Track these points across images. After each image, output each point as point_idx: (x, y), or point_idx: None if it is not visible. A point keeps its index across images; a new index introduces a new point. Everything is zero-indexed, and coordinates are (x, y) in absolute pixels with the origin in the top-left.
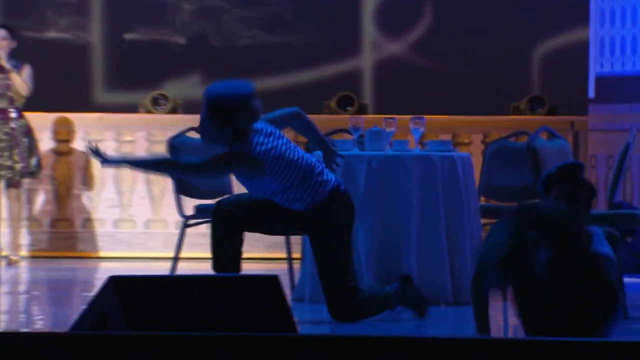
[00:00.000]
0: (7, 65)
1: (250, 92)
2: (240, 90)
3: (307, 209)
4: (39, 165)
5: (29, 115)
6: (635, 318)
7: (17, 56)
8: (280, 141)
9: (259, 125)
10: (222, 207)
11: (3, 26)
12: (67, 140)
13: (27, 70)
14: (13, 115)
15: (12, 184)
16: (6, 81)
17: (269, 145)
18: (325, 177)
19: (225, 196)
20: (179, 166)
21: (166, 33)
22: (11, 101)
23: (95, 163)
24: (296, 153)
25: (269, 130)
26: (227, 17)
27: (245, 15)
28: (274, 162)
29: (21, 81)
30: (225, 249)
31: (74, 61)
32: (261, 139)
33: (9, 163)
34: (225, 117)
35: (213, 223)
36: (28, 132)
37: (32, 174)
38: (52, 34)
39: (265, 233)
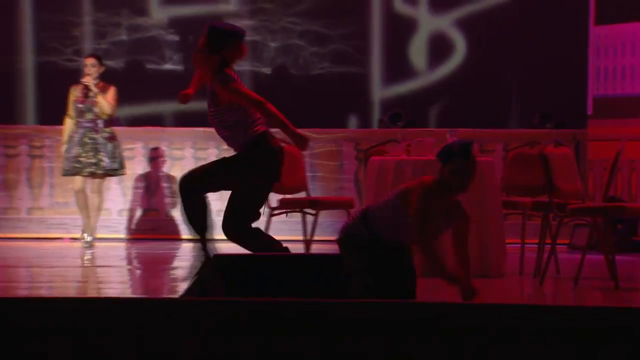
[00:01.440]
0: (94, 88)
1: (242, 34)
2: (235, 30)
3: (242, 146)
4: (121, 166)
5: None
6: (626, 289)
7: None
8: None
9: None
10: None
11: (93, 55)
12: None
13: (112, 92)
14: (99, 125)
15: (95, 179)
16: (93, 99)
17: (245, 89)
18: (260, 123)
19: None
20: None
21: (256, 65)
22: (96, 115)
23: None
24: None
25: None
26: (303, 53)
27: (317, 51)
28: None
29: (105, 102)
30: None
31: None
32: (236, 80)
33: (93, 161)
34: (218, 45)
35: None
36: (112, 138)
37: (115, 171)
38: (168, 66)
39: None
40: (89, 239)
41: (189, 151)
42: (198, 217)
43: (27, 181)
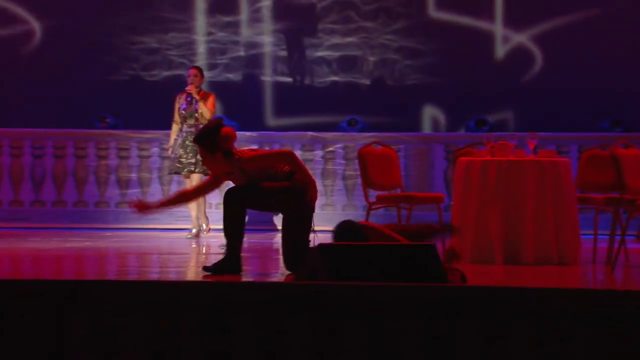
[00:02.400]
0: (196, 96)
1: (218, 125)
2: (212, 126)
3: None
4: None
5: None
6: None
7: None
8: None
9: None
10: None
11: (195, 67)
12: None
13: (211, 99)
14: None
15: (195, 175)
16: (196, 106)
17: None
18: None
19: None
20: (187, 195)
21: (356, 77)
22: (197, 120)
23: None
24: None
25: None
26: (399, 65)
27: (411, 64)
28: (254, 174)
29: (206, 108)
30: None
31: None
32: (241, 164)
33: (192, 161)
34: (210, 146)
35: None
36: None
37: (203, 170)
38: (279, 78)
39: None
40: (194, 231)
41: (297, 152)
42: (237, 232)
43: (158, 179)
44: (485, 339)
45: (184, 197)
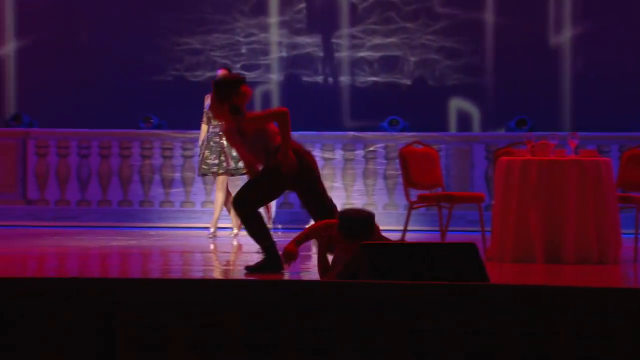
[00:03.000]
0: None
1: (240, 80)
2: (235, 78)
3: (265, 158)
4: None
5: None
6: None
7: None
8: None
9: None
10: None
11: (224, 67)
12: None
13: None
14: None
15: (220, 177)
16: None
17: (252, 129)
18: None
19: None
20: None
21: (397, 77)
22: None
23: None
24: (269, 132)
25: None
26: (439, 65)
27: (451, 64)
28: (252, 136)
29: None
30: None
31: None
32: (247, 122)
33: (216, 162)
34: (224, 95)
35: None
36: None
37: (237, 170)
38: (319, 79)
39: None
40: (212, 229)
41: (338, 152)
42: (261, 231)
43: (201, 178)
44: (527, 338)
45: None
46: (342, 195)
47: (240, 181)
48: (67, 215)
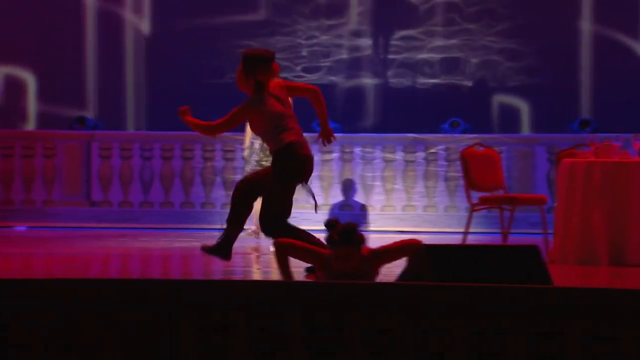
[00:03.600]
0: None
1: (271, 56)
2: (265, 54)
3: (273, 153)
4: None
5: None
6: None
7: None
8: (280, 104)
9: (276, 92)
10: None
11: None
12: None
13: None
14: None
15: None
16: None
17: (270, 107)
18: (288, 134)
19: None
20: (210, 126)
21: (458, 79)
22: None
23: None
24: (283, 115)
25: (280, 96)
26: (501, 67)
27: (513, 66)
28: (265, 116)
29: None
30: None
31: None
32: (270, 100)
33: (267, 163)
34: (251, 69)
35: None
36: None
37: None
38: (379, 80)
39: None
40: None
41: (399, 154)
42: (240, 221)
43: None
44: (591, 341)
45: (208, 129)
46: (403, 197)
47: None
48: (129, 217)
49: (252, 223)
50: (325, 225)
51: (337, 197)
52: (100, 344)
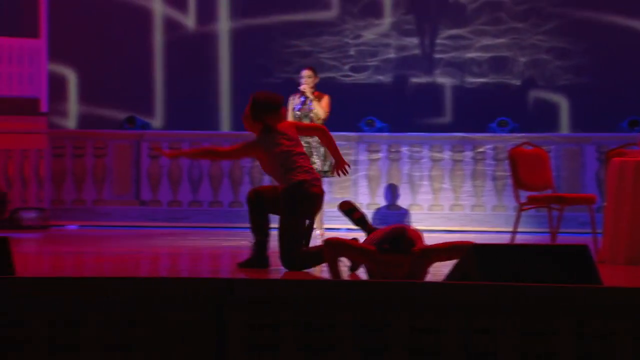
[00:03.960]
0: (311, 96)
1: (280, 103)
2: (274, 100)
3: (282, 189)
4: (330, 168)
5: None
6: None
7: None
8: (289, 142)
9: (285, 130)
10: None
11: (309, 67)
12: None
13: (325, 100)
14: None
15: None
16: (310, 106)
17: (277, 147)
18: (296, 173)
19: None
20: (214, 152)
21: (506, 77)
22: (312, 120)
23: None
24: (290, 153)
25: (288, 134)
26: (549, 66)
27: (561, 65)
28: (272, 157)
29: (320, 108)
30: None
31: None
32: (278, 139)
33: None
34: (260, 114)
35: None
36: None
37: (325, 172)
38: (427, 79)
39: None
40: (317, 232)
41: (447, 153)
42: (262, 227)
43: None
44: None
45: (210, 154)
46: (451, 196)
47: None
48: (179, 216)
49: (318, 227)
50: (340, 209)
51: (384, 196)
52: (149, 343)
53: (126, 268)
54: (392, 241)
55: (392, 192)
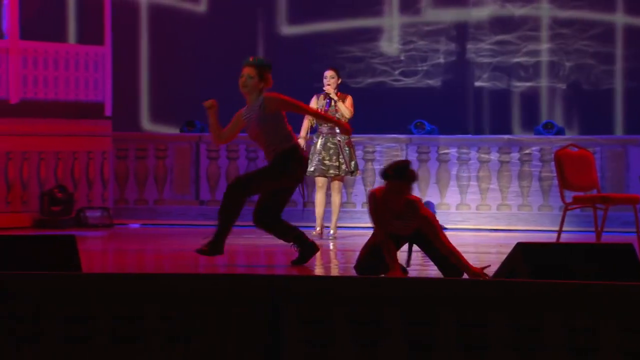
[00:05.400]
0: (335, 96)
1: (269, 65)
2: (267, 64)
3: (277, 151)
4: (356, 168)
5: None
6: None
7: None
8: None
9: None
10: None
11: (332, 68)
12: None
13: (349, 100)
14: (337, 130)
15: (336, 179)
16: (334, 107)
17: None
18: (291, 138)
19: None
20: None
21: (552, 81)
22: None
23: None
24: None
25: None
26: (595, 70)
27: (607, 69)
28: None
29: (345, 108)
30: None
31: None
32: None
33: (336, 164)
34: (260, 71)
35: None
36: (348, 143)
37: (352, 173)
38: (480, 84)
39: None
40: (331, 232)
41: (494, 155)
42: (232, 217)
43: (362, 180)
44: None
45: (218, 133)
46: (498, 196)
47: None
48: None
49: (332, 228)
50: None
51: (433, 196)
52: (206, 336)
53: (185, 265)
54: (396, 168)
55: (440, 192)
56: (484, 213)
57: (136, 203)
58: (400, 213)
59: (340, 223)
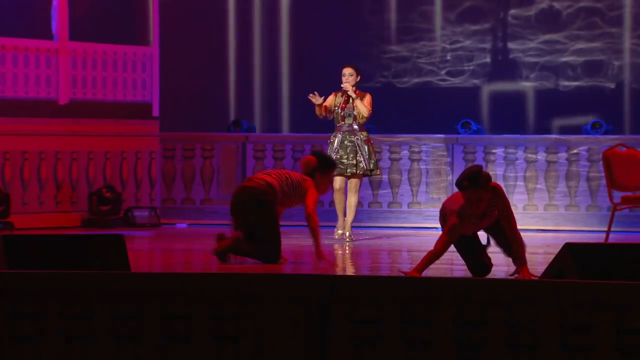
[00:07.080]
0: (353, 94)
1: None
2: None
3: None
4: (375, 166)
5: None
6: None
7: None
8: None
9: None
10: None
11: (351, 65)
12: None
13: (368, 98)
14: (356, 128)
15: (354, 178)
16: (352, 105)
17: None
18: None
19: None
20: None
21: (600, 81)
22: (355, 119)
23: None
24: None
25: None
26: None
27: None
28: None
29: (363, 106)
30: None
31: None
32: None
33: (353, 162)
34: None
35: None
36: (367, 141)
37: (371, 171)
38: (524, 83)
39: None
40: (348, 232)
41: (541, 155)
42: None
43: (407, 180)
44: None
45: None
46: (545, 196)
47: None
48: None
49: (347, 229)
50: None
51: None
52: (255, 335)
53: (232, 265)
54: (470, 177)
55: None
56: (531, 213)
57: (183, 202)
58: (484, 211)
59: (387, 223)
